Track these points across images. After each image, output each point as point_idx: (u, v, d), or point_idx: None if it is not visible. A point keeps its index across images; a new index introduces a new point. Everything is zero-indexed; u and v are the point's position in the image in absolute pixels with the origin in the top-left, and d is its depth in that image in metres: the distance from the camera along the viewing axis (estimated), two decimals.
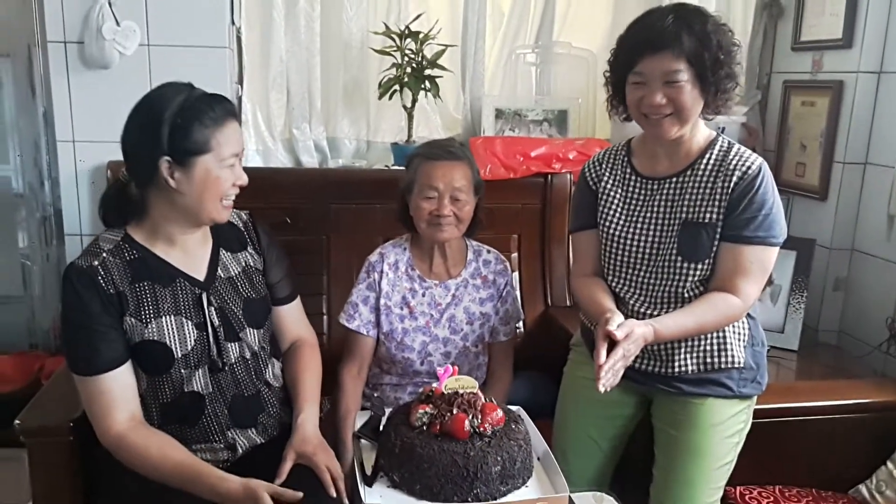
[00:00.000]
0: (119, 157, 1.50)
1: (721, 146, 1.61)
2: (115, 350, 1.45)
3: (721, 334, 1.62)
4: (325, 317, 2.29)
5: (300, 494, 1.35)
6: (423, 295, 1.93)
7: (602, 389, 1.39)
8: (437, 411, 1.27)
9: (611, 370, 1.40)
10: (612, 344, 1.43)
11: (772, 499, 1.83)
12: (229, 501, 1.38)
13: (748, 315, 1.65)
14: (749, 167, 1.56)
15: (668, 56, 1.49)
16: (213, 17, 2.27)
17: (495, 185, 2.33)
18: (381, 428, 1.35)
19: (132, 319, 1.46)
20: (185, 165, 1.44)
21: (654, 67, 1.51)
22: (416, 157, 1.88)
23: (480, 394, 1.32)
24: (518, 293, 2.38)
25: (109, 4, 2.12)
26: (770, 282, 2.43)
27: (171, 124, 1.42)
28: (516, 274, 2.42)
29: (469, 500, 1.19)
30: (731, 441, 1.66)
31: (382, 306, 1.91)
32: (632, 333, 1.44)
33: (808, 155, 2.56)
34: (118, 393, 1.45)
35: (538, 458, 1.34)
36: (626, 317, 1.65)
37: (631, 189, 1.68)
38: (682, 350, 1.63)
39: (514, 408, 1.45)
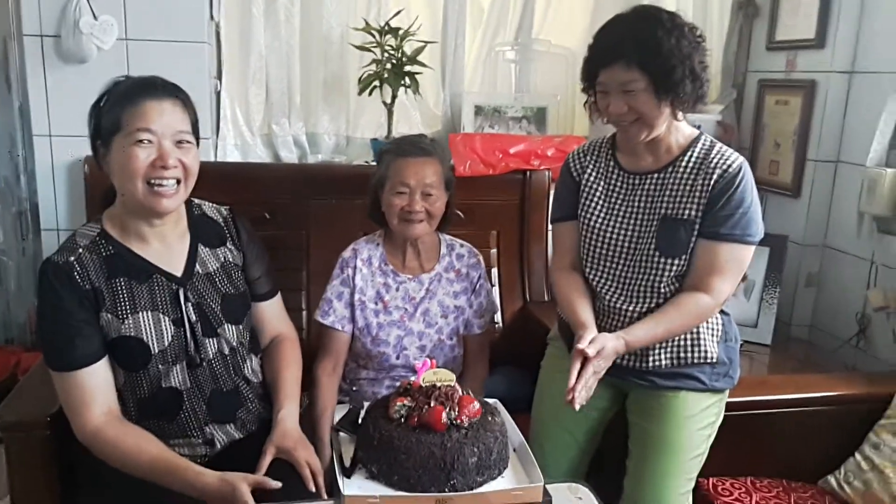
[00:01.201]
0: None
1: (703, 144, 1.63)
2: (91, 345, 1.45)
3: (695, 330, 1.66)
4: (304, 312, 2.30)
5: (279, 484, 1.37)
6: (397, 289, 1.94)
7: (577, 407, 1.45)
8: (415, 404, 1.29)
9: (584, 387, 1.46)
10: (585, 361, 1.47)
11: (743, 489, 1.87)
12: (206, 495, 1.38)
13: (722, 311, 1.69)
14: (730, 165, 1.59)
15: (621, 67, 1.52)
16: (192, 12, 2.27)
17: (475, 182, 2.36)
18: (359, 421, 1.37)
19: (108, 315, 1.47)
20: (107, 147, 1.48)
21: (610, 78, 1.55)
22: (387, 154, 1.89)
23: (458, 387, 1.34)
24: (496, 288, 2.41)
25: None
26: (744, 277, 2.47)
27: (99, 109, 1.49)
28: (495, 269, 2.45)
29: (446, 490, 1.21)
30: (703, 433, 1.69)
31: (357, 301, 1.92)
32: (603, 350, 1.49)
33: (781, 153, 2.61)
34: (95, 388, 1.45)
35: (514, 450, 1.36)
36: (602, 311, 1.69)
37: (613, 183, 1.71)
38: (657, 345, 1.66)
39: (490, 400, 1.47)
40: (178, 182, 1.49)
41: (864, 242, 2.34)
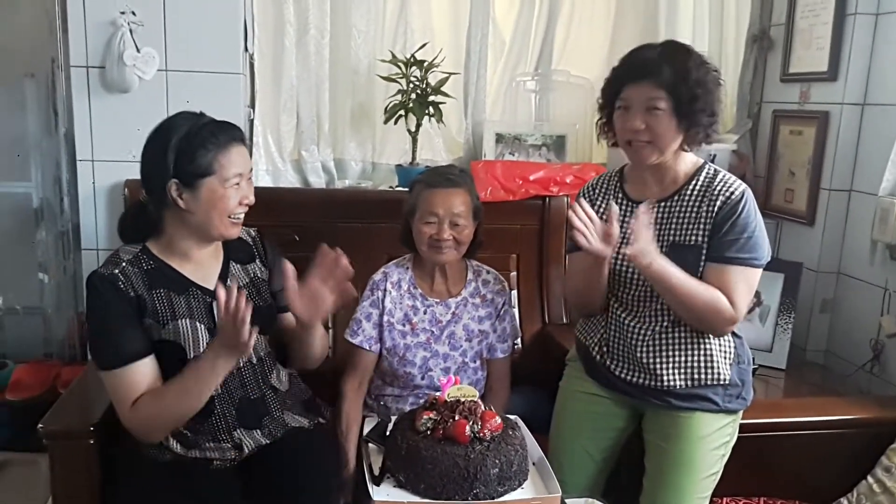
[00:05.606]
0: (134, 175, 1.62)
1: (707, 173, 1.71)
2: (135, 344, 1.56)
3: (708, 352, 1.71)
4: (331, 331, 2.35)
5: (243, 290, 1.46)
6: (425, 312, 2.01)
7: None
8: (441, 417, 1.36)
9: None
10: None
11: None
12: (223, 351, 1.49)
13: (734, 334, 1.74)
14: (733, 192, 1.65)
15: (650, 85, 1.61)
16: (228, 45, 2.36)
17: (495, 207, 2.41)
18: (387, 433, 1.44)
19: (150, 321, 1.59)
20: (191, 187, 1.57)
21: (636, 94, 1.63)
22: (418, 184, 1.98)
23: (480, 402, 1.41)
24: (516, 311, 2.46)
25: (130, 32, 2.22)
26: (759, 303, 2.51)
27: (177, 150, 1.56)
28: (515, 292, 2.49)
29: (469, 499, 1.27)
30: (717, 453, 1.74)
31: (385, 323, 1.99)
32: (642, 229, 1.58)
33: (796, 181, 2.66)
34: (140, 382, 1.55)
35: (533, 464, 1.42)
36: (615, 328, 1.76)
37: (623, 213, 1.78)
38: (670, 365, 1.71)
39: (511, 417, 1.54)
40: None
41: (878, 270, 2.38)
